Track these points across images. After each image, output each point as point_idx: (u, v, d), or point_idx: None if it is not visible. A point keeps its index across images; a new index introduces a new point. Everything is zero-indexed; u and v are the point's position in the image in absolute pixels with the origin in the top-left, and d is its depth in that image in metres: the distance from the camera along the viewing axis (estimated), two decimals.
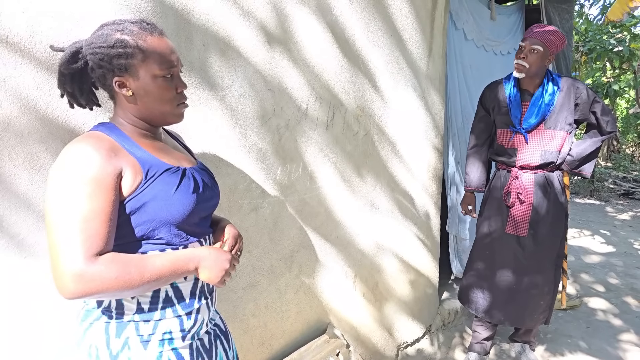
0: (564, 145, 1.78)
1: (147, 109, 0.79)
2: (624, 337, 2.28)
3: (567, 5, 2.90)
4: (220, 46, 1.22)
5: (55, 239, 0.66)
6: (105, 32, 0.74)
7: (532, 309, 1.86)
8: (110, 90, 0.78)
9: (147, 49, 0.74)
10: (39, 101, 0.91)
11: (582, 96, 1.76)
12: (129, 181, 0.72)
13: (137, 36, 0.74)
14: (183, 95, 0.83)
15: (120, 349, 0.75)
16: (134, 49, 0.73)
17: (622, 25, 5.91)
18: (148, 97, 0.77)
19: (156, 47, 0.75)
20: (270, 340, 1.49)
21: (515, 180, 1.82)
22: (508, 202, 1.83)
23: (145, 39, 0.75)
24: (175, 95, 0.80)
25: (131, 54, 0.73)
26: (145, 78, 0.76)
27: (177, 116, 0.83)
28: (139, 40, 0.74)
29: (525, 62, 1.71)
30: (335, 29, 1.53)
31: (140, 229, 0.74)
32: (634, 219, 5.17)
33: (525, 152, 1.80)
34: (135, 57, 0.74)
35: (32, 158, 0.91)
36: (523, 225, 1.81)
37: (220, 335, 0.92)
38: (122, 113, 0.80)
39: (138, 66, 0.74)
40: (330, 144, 1.59)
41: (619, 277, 3.18)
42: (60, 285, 0.65)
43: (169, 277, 0.73)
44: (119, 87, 0.76)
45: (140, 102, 0.77)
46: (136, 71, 0.75)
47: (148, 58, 0.75)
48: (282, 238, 1.48)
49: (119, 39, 0.73)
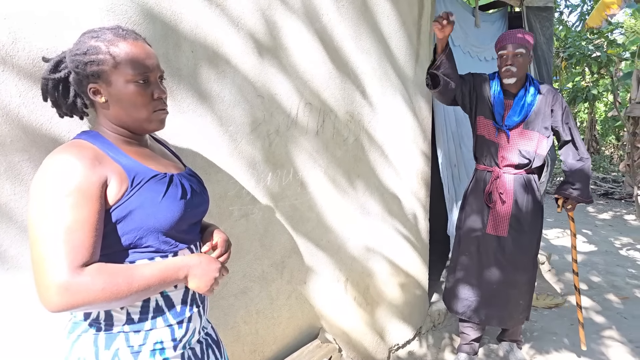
0: (540, 147, 1.83)
1: (121, 116, 0.77)
2: (607, 334, 2.35)
3: (547, 13, 2.99)
4: (209, 53, 1.22)
5: (39, 251, 0.65)
6: (82, 40, 0.75)
7: (511, 309, 1.91)
8: (88, 98, 0.78)
9: (118, 54, 0.74)
10: (21, 109, 0.89)
11: (557, 103, 1.82)
12: (114, 189, 0.71)
13: (110, 42, 0.74)
14: (161, 102, 0.80)
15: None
16: (105, 55, 0.73)
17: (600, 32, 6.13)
18: (121, 103, 0.76)
19: (129, 52, 0.74)
20: (262, 347, 1.48)
21: (496, 180, 1.85)
22: (490, 203, 1.86)
23: (118, 44, 0.74)
24: (150, 101, 0.78)
25: (102, 60, 0.73)
26: (118, 84, 0.74)
27: (155, 123, 0.80)
28: (111, 46, 0.73)
29: (514, 66, 1.75)
30: (324, 36, 1.54)
31: (127, 237, 0.73)
32: (613, 219, 5.33)
33: (506, 151, 1.84)
34: (106, 63, 0.73)
35: (14, 167, 0.89)
36: (503, 225, 1.85)
37: (212, 345, 0.91)
38: (104, 121, 0.79)
39: (110, 72, 0.74)
40: (320, 150, 1.60)
41: (601, 275, 3.28)
42: (45, 298, 0.64)
43: (158, 287, 0.72)
44: (93, 94, 0.75)
45: (113, 109, 0.76)
46: (108, 77, 0.74)
47: (120, 63, 0.74)
48: (273, 244, 1.48)
49: (92, 45, 0.73)
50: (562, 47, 6.72)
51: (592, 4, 6.46)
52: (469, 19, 2.64)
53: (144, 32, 1.06)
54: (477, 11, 2.68)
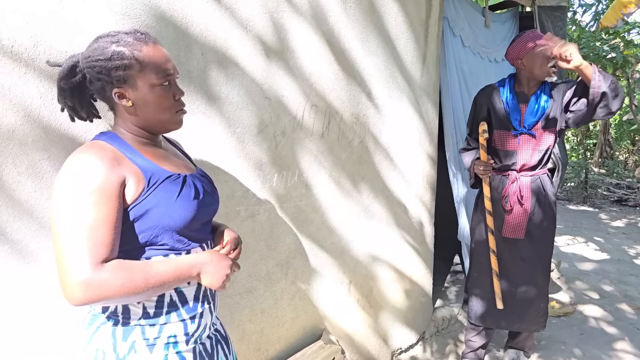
0: (553, 145, 1.83)
1: (146, 118, 0.80)
2: (619, 345, 2.29)
3: (560, 13, 2.93)
4: (218, 55, 1.24)
5: (62, 248, 0.68)
6: (101, 45, 0.76)
7: (533, 312, 1.88)
8: (110, 101, 0.80)
9: (143, 59, 0.76)
10: (42, 110, 0.92)
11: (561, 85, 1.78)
12: (132, 189, 0.74)
13: (132, 47, 0.76)
14: (181, 102, 0.85)
15: (127, 352, 0.76)
16: (131, 60, 0.75)
17: (615, 32, 5.98)
18: (147, 107, 0.79)
19: (152, 57, 0.77)
20: (266, 346, 1.50)
21: (513, 183, 1.84)
22: (506, 206, 1.84)
23: (141, 49, 0.76)
24: (173, 102, 0.82)
25: (129, 65, 0.75)
26: (144, 88, 0.77)
27: (176, 123, 0.85)
28: (134, 50, 0.76)
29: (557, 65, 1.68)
30: (330, 38, 1.56)
31: (144, 235, 0.76)
32: (627, 226, 5.21)
33: (524, 154, 1.82)
34: (133, 67, 0.75)
35: (35, 165, 0.92)
36: (520, 228, 1.84)
37: (221, 341, 0.94)
38: (123, 123, 0.81)
39: (136, 77, 0.76)
40: (326, 152, 1.62)
41: (613, 284, 3.20)
42: (68, 293, 0.67)
43: (173, 283, 0.75)
44: (119, 98, 0.78)
45: (140, 112, 0.79)
46: (134, 82, 0.76)
47: (145, 68, 0.76)
48: (278, 244, 1.50)
49: (116, 50, 0.75)
50: None
51: (607, 3, 6.31)
52: (479, 19, 2.61)
53: (157, 35, 1.09)
54: (487, 11, 2.64)
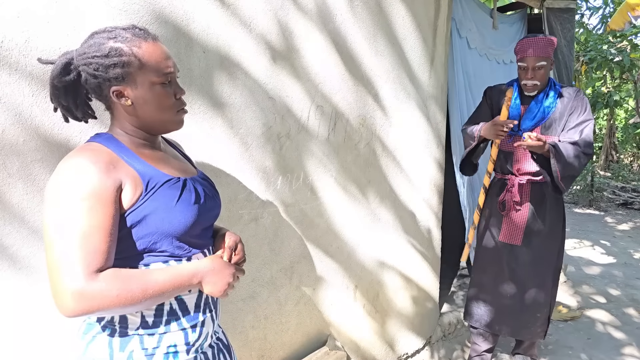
0: None
1: (147, 118, 0.76)
2: (626, 350, 2.25)
3: (569, 15, 2.90)
4: (221, 54, 1.20)
5: (54, 257, 0.64)
6: (97, 41, 0.72)
7: (525, 320, 1.85)
8: (107, 100, 0.76)
9: (142, 56, 0.72)
10: (34, 109, 0.89)
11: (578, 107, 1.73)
12: (129, 194, 0.70)
13: (131, 43, 0.72)
14: (182, 101, 0.81)
15: None
16: (130, 57, 0.71)
17: (623, 35, 5.94)
18: (148, 106, 0.75)
19: (152, 53, 0.73)
20: (270, 353, 1.46)
21: (511, 187, 1.80)
22: (503, 211, 1.82)
23: (140, 46, 0.72)
24: (174, 101, 0.78)
25: (127, 62, 0.71)
26: (144, 86, 0.73)
27: (177, 123, 0.81)
28: (133, 47, 0.72)
29: (535, 80, 1.70)
30: (336, 38, 1.52)
31: (142, 242, 0.72)
32: (633, 229, 5.15)
33: (522, 157, 1.78)
34: (132, 65, 0.71)
35: (26, 167, 0.89)
36: (517, 234, 1.79)
37: (223, 350, 0.91)
38: (120, 123, 0.78)
39: (135, 74, 0.72)
40: (331, 155, 1.58)
41: (620, 288, 3.16)
42: (60, 303, 0.64)
43: (172, 292, 0.71)
44: (117, 97, 0.74)
45: (139, 111, 0.75)
46: (133, 79, 0.72)
47: (144, 65, 0.72)
48: (282, 249, 1.46)
49: (113, 47, 0.71)
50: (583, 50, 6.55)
51: (614, 6, 6.27)
52: (487, 20, 2.58)
53: (156, 32, 1.06)
54: (495, 12, 2.61)
